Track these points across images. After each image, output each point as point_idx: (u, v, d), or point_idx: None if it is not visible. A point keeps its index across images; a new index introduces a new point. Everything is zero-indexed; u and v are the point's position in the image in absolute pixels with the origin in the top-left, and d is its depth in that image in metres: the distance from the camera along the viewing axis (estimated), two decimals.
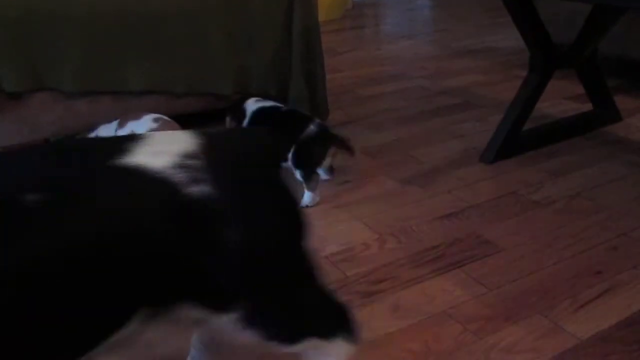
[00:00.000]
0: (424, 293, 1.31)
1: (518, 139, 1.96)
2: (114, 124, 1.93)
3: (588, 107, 2.23)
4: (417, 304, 1.27)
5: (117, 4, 1.92)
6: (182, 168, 0.75)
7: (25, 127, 1.94)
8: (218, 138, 0.85)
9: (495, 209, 1.64)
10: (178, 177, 0.74)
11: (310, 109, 2.18)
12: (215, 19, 2.04)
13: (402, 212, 1.65)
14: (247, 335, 0.83)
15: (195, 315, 0.79)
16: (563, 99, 2.46)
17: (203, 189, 0.74)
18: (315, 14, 2.17)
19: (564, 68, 2.01)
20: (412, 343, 1.16)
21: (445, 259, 1.42)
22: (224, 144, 0.85)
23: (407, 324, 1.22)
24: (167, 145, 0.78)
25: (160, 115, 1.88)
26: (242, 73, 2.12)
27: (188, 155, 0.77)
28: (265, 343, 0.85)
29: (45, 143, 2.01)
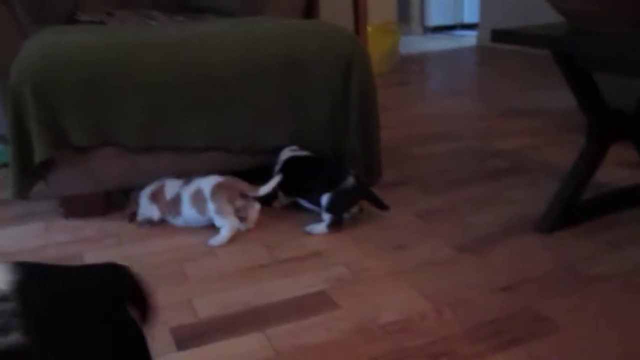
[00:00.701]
0: None
1: (575, 210, 1.95)
2: (181, 181, 2.00)
3: None
4: None
5: (179, 67, 1.98)
6: None
7: (90, 179, 2.00)
8: (38, 273, 0.74)
9: (553, 283, 1.62)
10: None
11: (365, 169, 2.20)
12: (274, 82, 2.09)
13: (458, 281, 1.65)
14: None
15: None
16: (617, 166, 2.44)
17: (13, 339, 0.65)
18: (372, 77, 2.21)
19: (623, 140, 2.00)
20: None
21: (504, 335, 1.41)
22: (46, 280, 0.73)
23: None
24: None
25: (227, 176, 1.96)
26: (297, 132, 2.16)
27: None
28: None
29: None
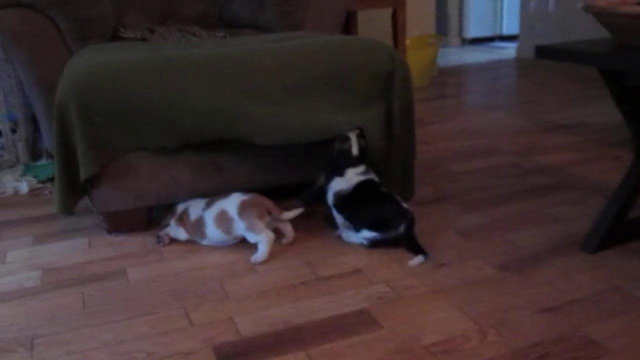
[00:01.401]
0: None
1: (621, 229, 1.90)
2: (203, 202, 2.00)
3: None
4: None
5: (220, 81, 2.00)
6: None
7: (132, 195, 2.03)
8: None
9: (600, 305, 1.58)
10: None
11: (401, 188, 2.18)
12: (315, 98, 2.08)
13: (501, 301, 1.62)
14: None
15: None
16: None
17: None
18: (412, 93, 2.19)
19: None
20: None
21: (551, 358, 1.38)
22: None
23: None
24: None
25: (250, 193, 1.96)
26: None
27: None
28: None
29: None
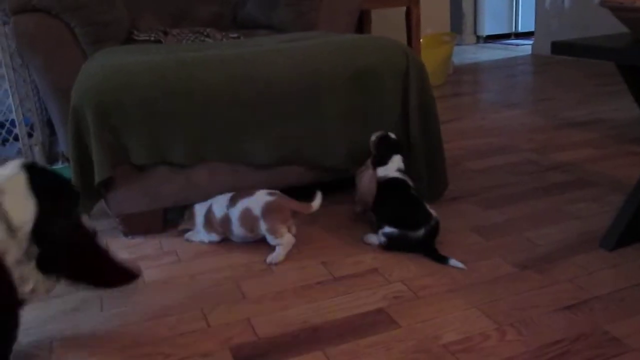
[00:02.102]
0: None
1: None
2: (226, 199, 1.98)
3: None
4: None
5: (237, 83, 2.00)
6: None
7: (148, 197, 2.03)
8: None
9: (620, 302, 1.56)
10: None
11: (428, 185, 2.18)
12: (331, 97, 2.08)
13: (520, 300, 1.60)
14: None
15: None
16: None
17: None
18: (430, 90, 2.18)
19: None
20: None
21: (572, 356, 1.36)
22: None
23: None
24: None
25: (273, 190, 1.94)
26: (355, 148, 2.14)
27: None
28: None
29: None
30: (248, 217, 1.92)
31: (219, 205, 1.99)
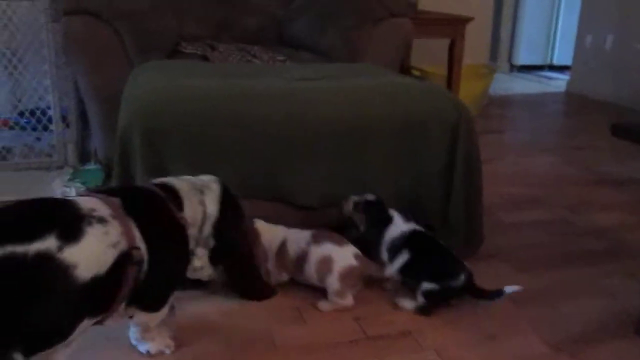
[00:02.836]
0: None
1: None
2: (306, 235, 1.94)
3: None
4: None
5: (288, 120, 1.98)
6: None
7: None
8: None
9: None
10: None
11: (465, 238, 2.16)
12: (380, 142, 2.06)
13: None
14: None
15: None
16: None
17: None
18: (477, 144, 2.15)
19: None
20: None
21: None
22: None
23: None
24: None
25: (358, 252, 1.89)
26: (402, 196, 2.12)
27: None
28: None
29: None
30: (326, 266, 1.86)
31: (296, 241, 1.93)
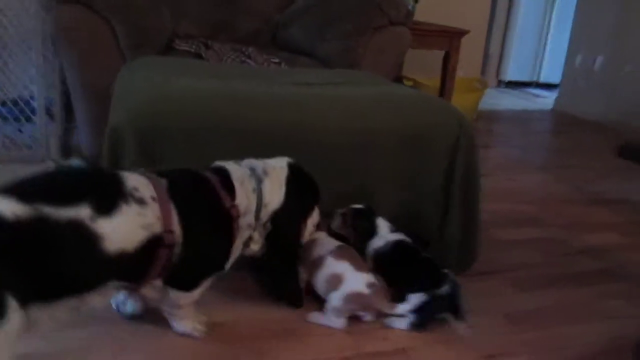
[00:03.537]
0: None
1: None
2: (332, 242, 1.88)
3: None
4: None
5: (286, 127, 1.90)
6: None
7: None
8: None
9: None
10: None
11: (459, 254, 2.11)
12: (380, 153, 2.00)
13: None
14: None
15: None
16: None
17: None
18: (477, 160, 2.10)
19: None
20: None
21: None
22: None
23: None
24: None
25: (375, 282, 1.79)
26: (401, 208, 2.07)
27: None
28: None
29: None
30: (336, 283, 1.77)
31: (322, 245, 1.86)
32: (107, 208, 1.31)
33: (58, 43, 2.69)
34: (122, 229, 1.32)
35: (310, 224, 1.83)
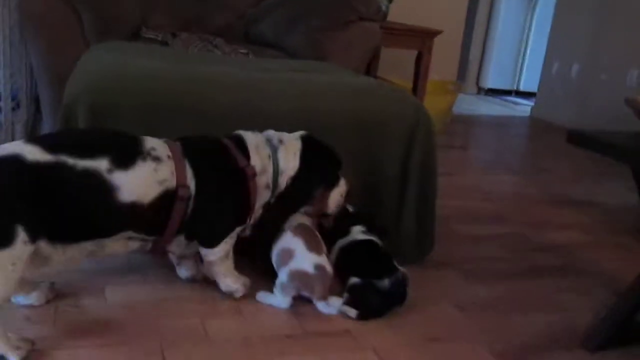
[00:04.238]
0: None
1: (629, 330, 1.81)
2: (297, 221, 1.86)
3: None
4: None
5: (241, 109, 1.90)
6: None
7: None
8: None
9: None
10: None
11: (416, 243, 2.11)
12: (336, 137, 1.97)
13: None
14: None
15: None
16: None
17: None
18: (434, 149, 2.11)
19: None
20: None
21: None
22: None
23: None
24: None
25: (326, 266, 1.77)
26: (352, 193, 2.05)
27: None
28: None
29: None
30: (285, 258, 1.77)
31: (291, 219, 1.86)
32: (124, 163, 1.45)
33: (25, 30, 2.68)
34: (137, 182, 1.46)
35: (337, 194, 1.86)
